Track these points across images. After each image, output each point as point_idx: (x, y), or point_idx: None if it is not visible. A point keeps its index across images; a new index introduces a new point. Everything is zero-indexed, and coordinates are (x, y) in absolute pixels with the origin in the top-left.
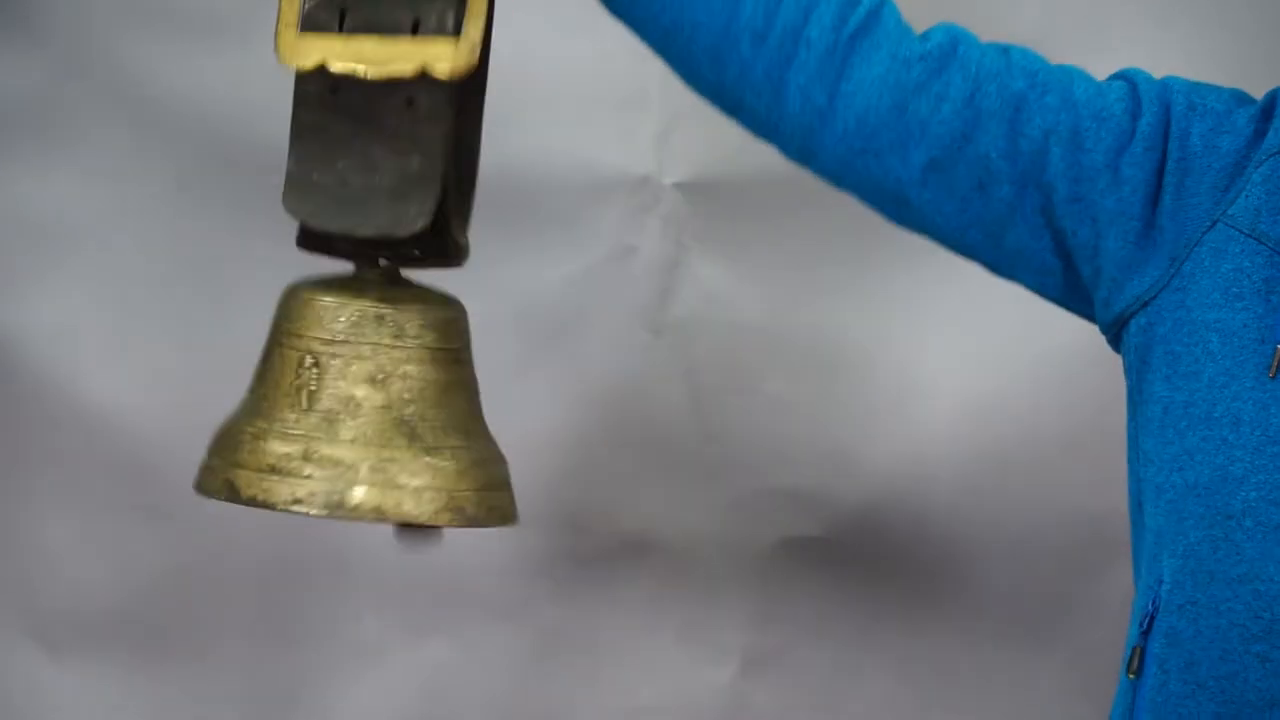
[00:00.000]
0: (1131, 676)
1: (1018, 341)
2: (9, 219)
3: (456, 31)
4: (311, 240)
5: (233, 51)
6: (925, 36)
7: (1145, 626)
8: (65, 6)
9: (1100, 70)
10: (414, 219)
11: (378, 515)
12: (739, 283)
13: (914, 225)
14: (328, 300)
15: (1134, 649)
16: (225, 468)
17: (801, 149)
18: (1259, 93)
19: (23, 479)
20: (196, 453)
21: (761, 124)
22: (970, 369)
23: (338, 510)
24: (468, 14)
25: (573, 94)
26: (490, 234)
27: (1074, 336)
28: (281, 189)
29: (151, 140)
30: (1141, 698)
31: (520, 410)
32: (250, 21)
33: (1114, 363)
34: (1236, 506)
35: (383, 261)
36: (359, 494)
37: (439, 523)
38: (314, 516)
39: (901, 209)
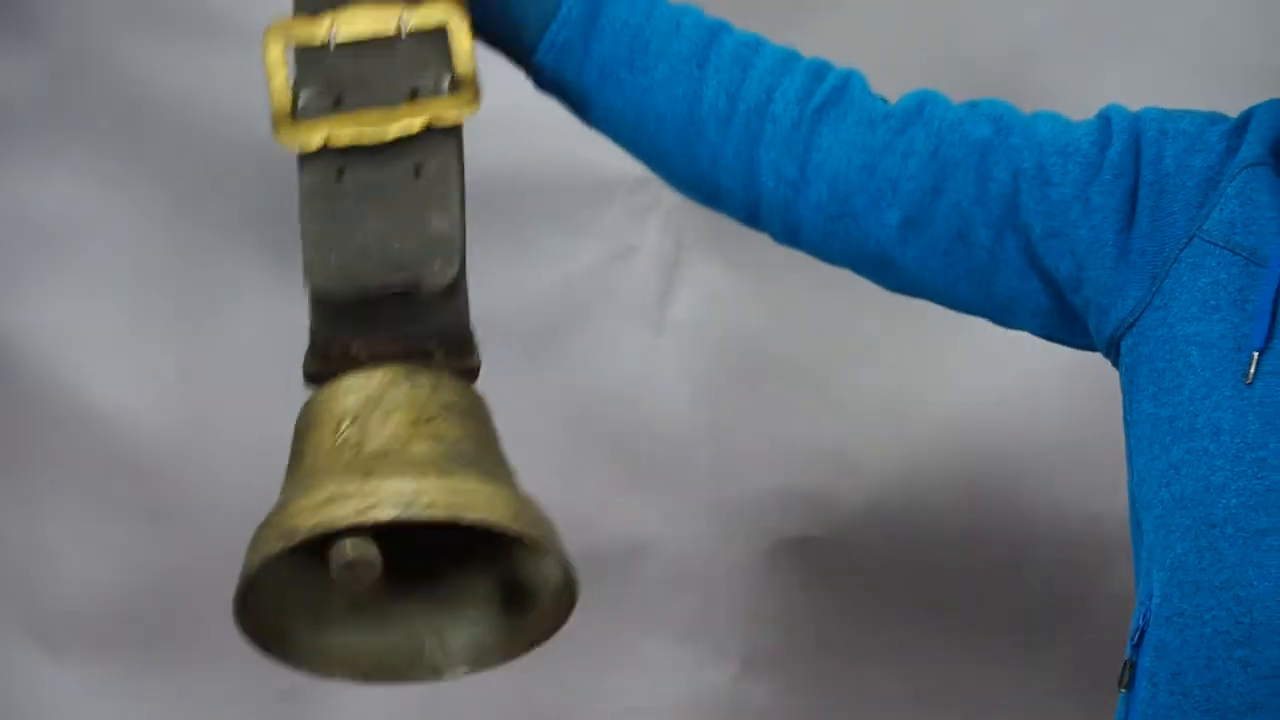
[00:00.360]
0: (1123, 690)
1: (1017, 342)
2: (9, 219)
3: (453, 92)
4: (320, 351)
5: (233, 51)
6: (895, 103)
7: (1136, 640)
8: (65, 6)
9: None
10: (442, 270)
11: (449, 513)
12: (739, 283)
13: (907, 288)
14: (353, 376)
15: (1125, 664)
16: (276, 529)
17: (784, 225)
18: (1252, 101)
19: (23, 479)
20: (197, 453)
21: (742, 207)
22: (970, 370)
23: (409, 509)
24: (460, 77)
25: None
26: (491, 234)
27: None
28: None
29: (151, 140)
30: (1133, 711)
31: (520, 410)
32: (250, 21)
33: (1109, 366)
34: (1218, 515)
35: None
36: (429, 495)
37: (512, 528)
38: (385, 521)
39: (891, 272)
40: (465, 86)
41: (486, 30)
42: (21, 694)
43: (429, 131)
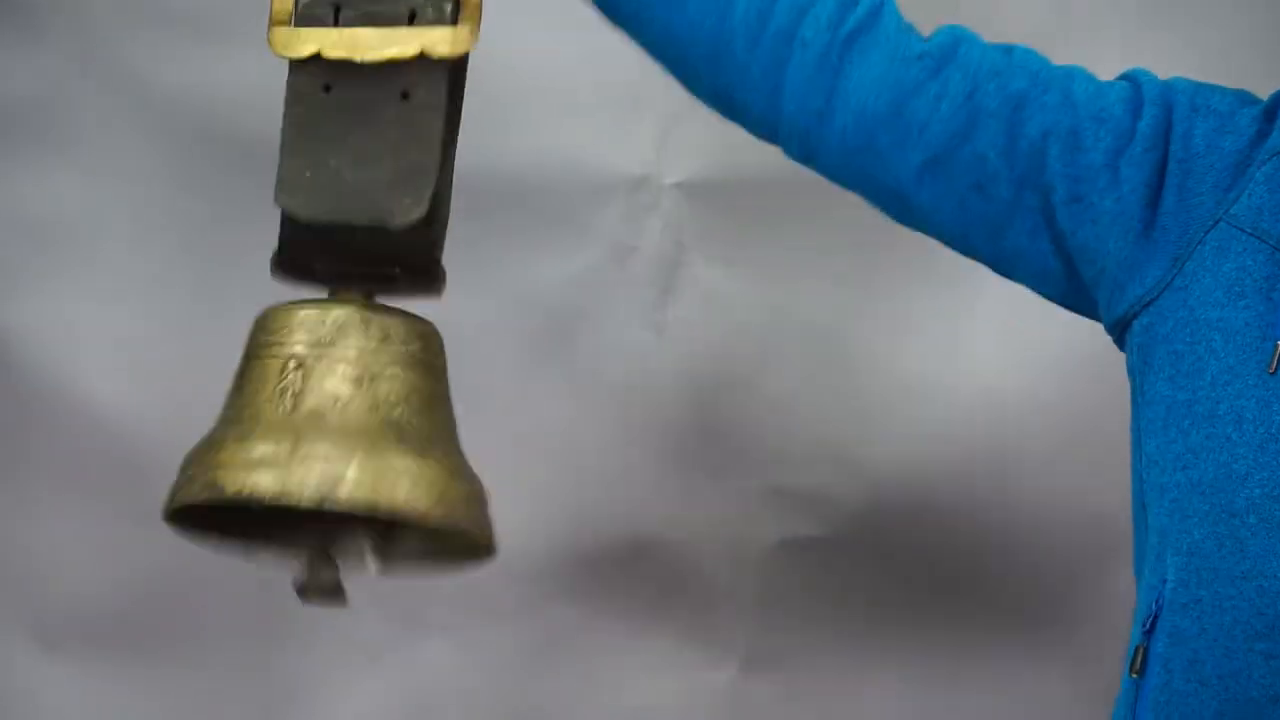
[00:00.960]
0: (1134, 675)
1: (1017, 341)
2: (9, 219)
3: (453, 23)
4: (289, 264)
5: (233, 51)
6: (927, 38)
7: (1148, 626)
8: (66, 6)
9: (1102, 68)
10: (409, 209)
11: (370, 506)
12: (739, 283)
13: (916, 224)
14: (310, 308)
15: (1137, 648)
16: (205, 472)
17: (802, 149)
18: (1261, 91)
19: (23, 479)
20: None
21: (761, 125)
22: (970, 369)
23: (328, 501)
24: (464, 5)
25: (573, 93)
26: (491, 234)
27: (1074, 336)
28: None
29: (151, 140)
30: (1144, 697)
31: (520, 410)
32: (250, 21)
33: (1114, 362)
34: (1240, 504)
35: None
36: (350, 484)
37: (432, 517)
38: (304, 508)
39: (903, 208)
40: (467, 17)
41: None
42: (21, 693)
43: (421, 59)
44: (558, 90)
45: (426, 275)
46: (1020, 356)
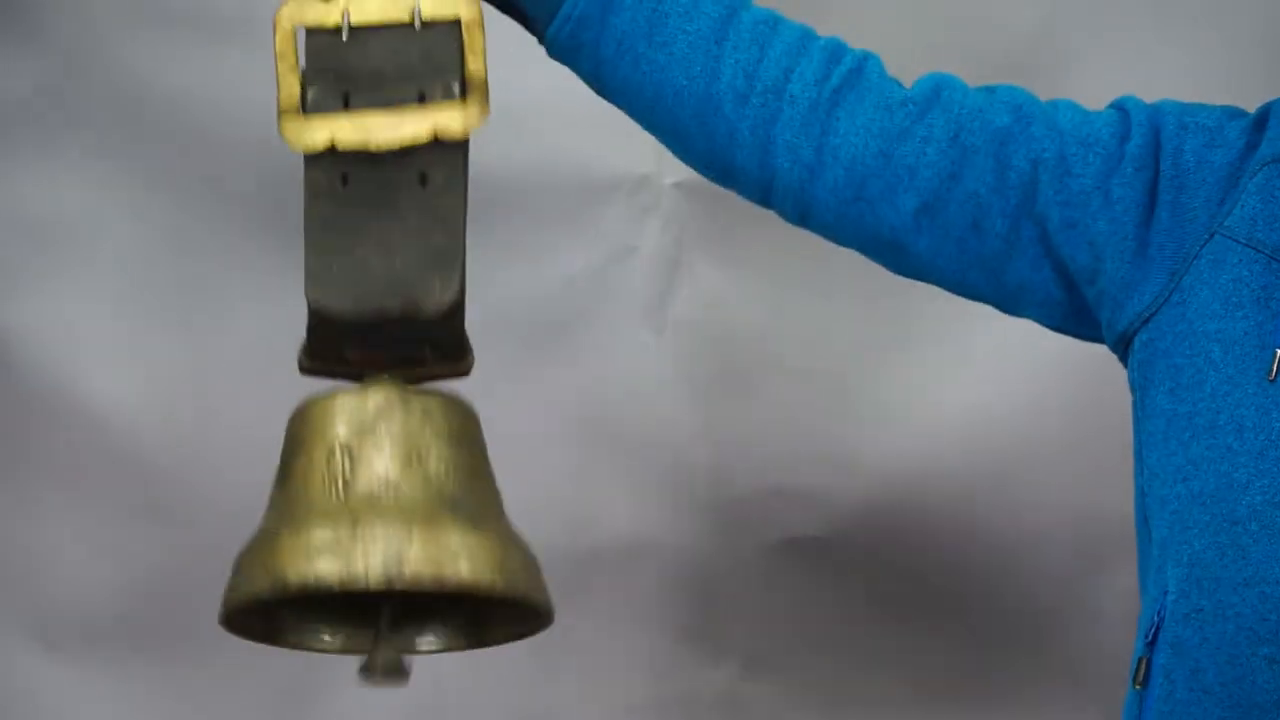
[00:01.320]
0: (1138, 687)
1: (1018, 343)
2: (9, 219)
3: (462, 98)
4: (317, 353)
5: (233, 51)
6: (910, 86)
7: (1150, 637)
8: (65, 6)
9: (1100, 73)
10: (440, 294)
11: (436, 581)
12: (739, 283)
13: (916, 273)
14: (348, 395)
15: (1139, 659)
16: (263, 567)
17: (796, 207)
18: (1259, 96)
19: (23, 479)
20: (196, 452)
21: (755, 187)
22: (970, 370)
23: (396, 580)
24: (471, 83)
25: (573, 93)
26: (491, 234)
27: (1074, 339)
28: (302, 275)
29: (151, 140)
30: (1148, 708)
31: (520, 410)
32: (250, 21)
33: (1113, 365)
34: (1242, 512)
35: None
36: (414, 561)
37: (495, 589)
38: (373, 590)
39: (901, 258)
40: (474, 93)
41: None
42: (21, 693)
43: (436, 141)
44: (559, 90)
45: (456, 353)
46: (1020, 358)
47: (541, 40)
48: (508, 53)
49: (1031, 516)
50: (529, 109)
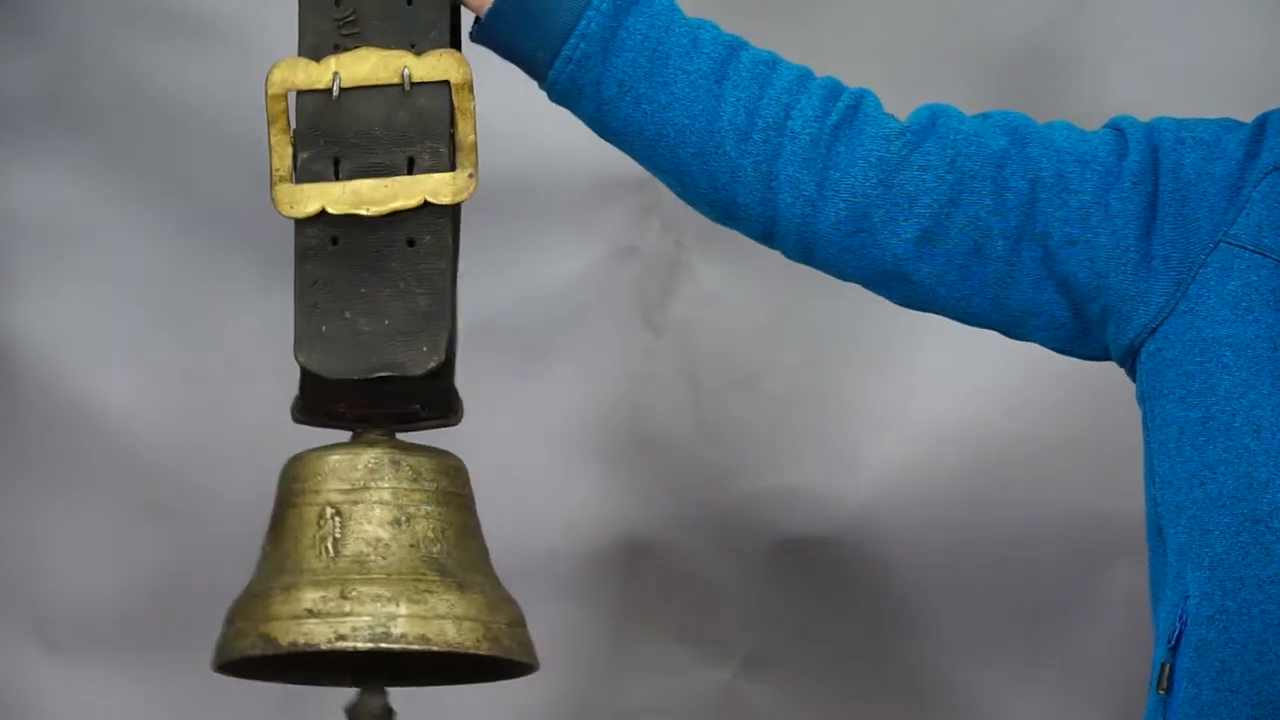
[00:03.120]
0: (1161, 693)
1: (1017, 344)
2: (8, 218)
3: (451, 167)
4: (310, 409)
5: (233, 51)
6: (906, 118)
7: (1173, 642)
8: (65, 6)
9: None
10: (427, 358)
11: (423, 644)
12: (739, 283)
13: (920, 304)
14: (341, 454)
15: (1163, 665)
16: (255, 625)
17: (799, 241)
18: (1256, 99)
19: (23, 479)
20: (196, 452)
21: (758, 224)
22: (970, 371)
23: (383, 641)
24: (460, 147)
25: None
26: (491, 234)
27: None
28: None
29: (151, 140)
30: (1173, 712)
31: (520, 410)
32: (250, 22)
33: (1111, 367)
34: (1264, 510)
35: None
36: (402, 624)
37: (479, 651)
38: (360, 650)
39: (905, 288)
40: (464, 157)
41: (501, 41)
42: (21, 693)
43: (425, 205)
44: None
45: (444, 409)
46: (1021, 359)
47: (542, 84)
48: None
49: (1030, 516)
50: (529, 109)
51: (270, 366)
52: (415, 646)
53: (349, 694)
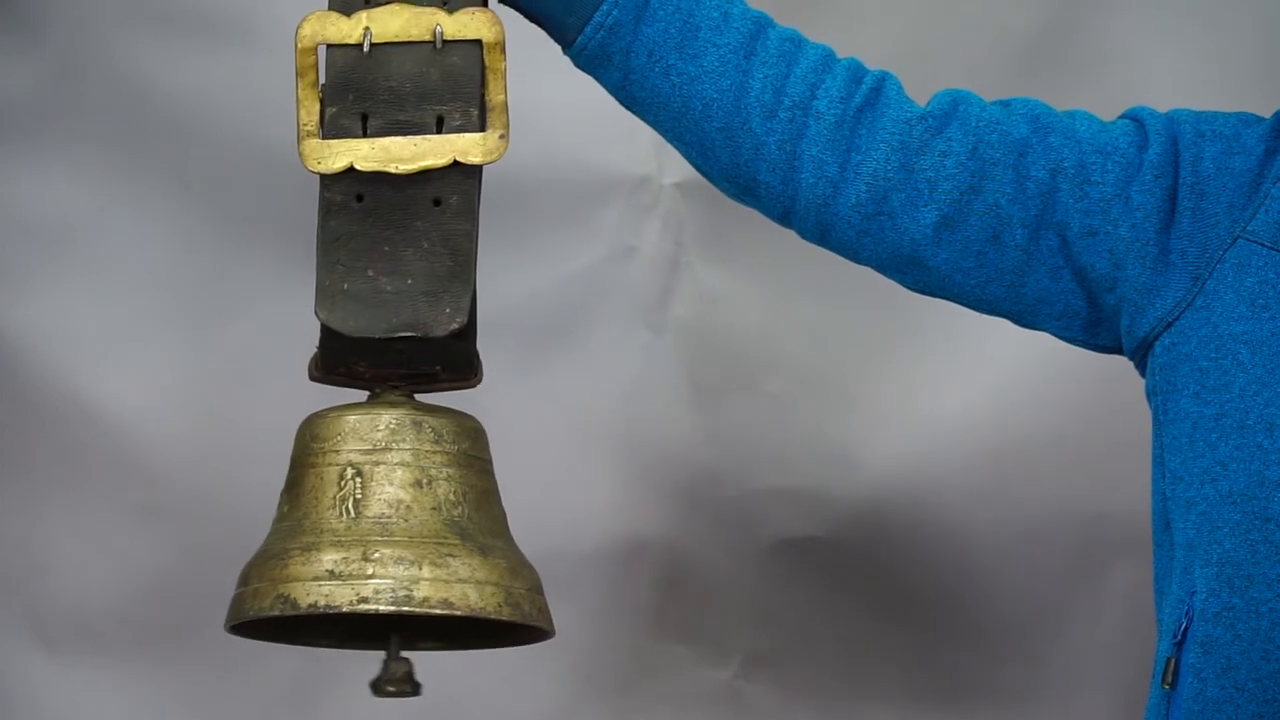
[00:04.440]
0: (1166, 687)
1: (1018, 343)
2: (8, 218)
3: (481, 128)
4: (328, 367)
5: (233, 51)
6: (927, 103)
7: (1178, 637)
8: (64, 6)
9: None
10: (450, 317)
11: (445, 608)
12: (739, 283)
13: (934, 289)
14: (359, 413)
15: (1167, 660)
16: (274, 586)
17: (818, 222)
18: (1257, 97)
19: (23, 479)
20: (197, 452)
21: (778, 203)
22: (970, 370)
23: (405, 605)
24: (491, 107)
25: (574, 94)
26: (491, 233)
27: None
28: (302, 274)
29: (150, 140)
30: (1177, 708)
31: (520, 409)
32: (250, 21)
33: (1116, 364)
34: (1275, 508)
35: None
36: (425, 588)
37: (501, 616)
38: (383, 614)
39: (920, 273)
40: (495, 118)
41: (529, 2)
42: (21, 693)
43: (454, 165)
44: (559, 90)
45: (465, 370)
46: (1022, 357)
47: (567, 49)
48: (509, 53)
49: (1030, 515)
50: (530, 108)
51: (271, 366)
52: (437, 610)
53: (354, 691)
